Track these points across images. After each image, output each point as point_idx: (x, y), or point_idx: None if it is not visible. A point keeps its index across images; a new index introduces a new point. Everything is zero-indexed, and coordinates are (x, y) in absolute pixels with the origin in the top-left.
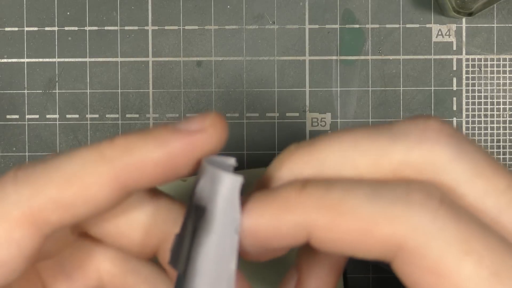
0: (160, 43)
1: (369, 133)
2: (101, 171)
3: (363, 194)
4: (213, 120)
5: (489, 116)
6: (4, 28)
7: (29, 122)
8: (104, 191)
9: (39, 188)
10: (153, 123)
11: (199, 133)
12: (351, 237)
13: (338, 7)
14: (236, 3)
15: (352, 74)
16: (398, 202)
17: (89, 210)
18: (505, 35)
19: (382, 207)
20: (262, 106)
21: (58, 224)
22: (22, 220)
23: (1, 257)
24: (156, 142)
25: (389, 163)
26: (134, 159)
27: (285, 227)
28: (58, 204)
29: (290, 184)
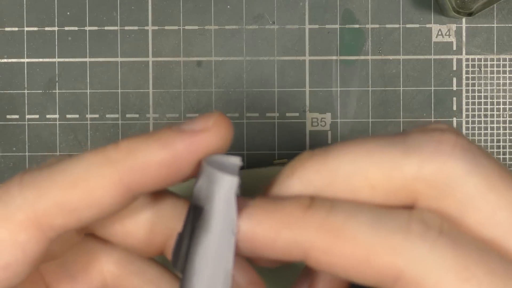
0: (160, 43)
1: (383, 144)
2: (105, 174)
3: (365, 221)
4: (217, 119)
5: (489, 116)
6: (4, 28)
7: (29, 122)
8: (109, 194)
9: (43, 192)
10: (153, 123)
11: (202, 132)
12: (349, 263)
13: (338, 7)
14: (236, 3)
15: (352, 74)
16: (398, 232)
17: (94, 213)
18: (505, 35)
19: (382, 236)
20: (262, 106)
21: (63, 228)
22: (27, 224)
23: (6, 260)
24: (160, 144)
25: (402, 177)
26: (138, 161)
27: (282, 242)
28: (62, 207)
29: (297, 199)
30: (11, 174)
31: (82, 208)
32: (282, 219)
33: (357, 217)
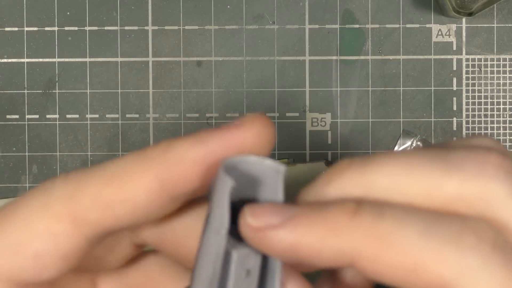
0: (160, 43)
1: (424, 159)
2: (140, 170)
3: (415, 229)
4: (254, 118)
5: (489, 116)
6: (4, 28)
7: (29, 122)
8: (143, 191)
9: (82, 185)
10: (153, 123)
11: (236, 128)
12: (396, 272)
13: (338, 7)
14: (236, 3)
15: (352, 74)
16: (449, 243)
17: (129, 211)
18: (505, 35)
19: (432, 246)
20: (262, 106)
21: (98, 225)
22: (62, 215)
23: (36, 249)
24: (194, 140)
25: (442, 195)
26: (172, 157)
27: (329, 250)
28: (97, 202)
29: (342, 204)
30: (11, 174)
31: (116, 204)
32: (328, 227)
33: (406, 224)
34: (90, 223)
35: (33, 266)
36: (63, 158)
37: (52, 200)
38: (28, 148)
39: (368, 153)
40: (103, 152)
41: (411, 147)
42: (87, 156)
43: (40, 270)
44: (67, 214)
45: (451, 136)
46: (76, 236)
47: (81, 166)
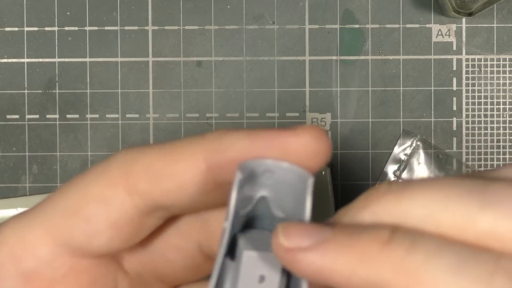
0: (160, 43)
1: (462, 191)
2: (191, 150)
3: (446, 264)
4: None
5: (489, 116)
6: (4, 28)
7: (29, 122)
8: (191, 168)
9: (138, 157)
10: (153, 123)
11: (289, 132)
12: None
13: (338, 7)
14: (236, 3)
15: (352, 74)
16: (480, 283)
17: (176, 187)
18: (505, 35)
19: (462, 286)
20: (262, 106)
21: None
22: (116, 182)
23: (88, 212)
24: (248, 133)
25: (475, 231)
26: (224, 143)
27: (358, 279)
28: (148, 172)
29: (376, 232)
30: (11, 174)
31: (164, 177)
32: (359, 256)
33: (438, 259)
34: (140, 192)
35: (84, 231)
36: (63, 158)
37: (110, 168)
38: (28, 148)
39: (368, 153)
40: (103, 152)
41: (411, 147)
42: (87, 156)
43: (91, 236)
44: (120, 181)
45: (451, 136)
46: (127, 203)
47: (81, 166)
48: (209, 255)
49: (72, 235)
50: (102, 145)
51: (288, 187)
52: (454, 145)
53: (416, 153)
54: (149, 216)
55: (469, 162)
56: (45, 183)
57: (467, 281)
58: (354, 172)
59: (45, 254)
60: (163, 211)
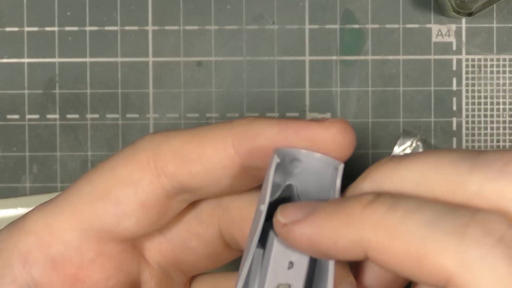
0: (160, 43)
1: (453, 158)
2: (220, 134)
3: (422, 220)
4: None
5: (489, 116)
6: (4, 28)
7: (29, 122)
8: (219, 152)
9: (166, 140)
10: (153, 123)
11: (317, 124)
12: (403, 262)
13: (338, 7)
14: (236, 3)
15: (352, 74)
16: (453, 234)
17: (203, 170)
18: (505, 35)
19: (436, 237)
20: (262, 106)
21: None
22: (144, 164)
23: (117, 195)
24: (277, 122)
25: (464, 193)
26: (253, 129)
27: (343, 241)
28: (176, 155)
29: (360, 197)
30: (11, 174)
31: (192, 161)
32: (342, 220)
33: (415, 216)
34: (168, 174)
35: (113, 212)
36: (63, 158)
37: (138, 151)
38: (28, 148)
39: (368, 153)
40: (104, 152)
41: (411, 147)
42: (87, 156)
43: (120, 218)
44: (148, 163)
45: (451, 136)
46: (155, 185)
47: (81, 166)
48: (229, 242)
49: (100, 218)
50: (102, 145)
51: (314, 177)
52: (454, 145)
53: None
54: (175, 199)
55: None
56: (45, 183)
57: (441, 233)
58: (354, 172)
59: (72, 239)
60: (189, 193)
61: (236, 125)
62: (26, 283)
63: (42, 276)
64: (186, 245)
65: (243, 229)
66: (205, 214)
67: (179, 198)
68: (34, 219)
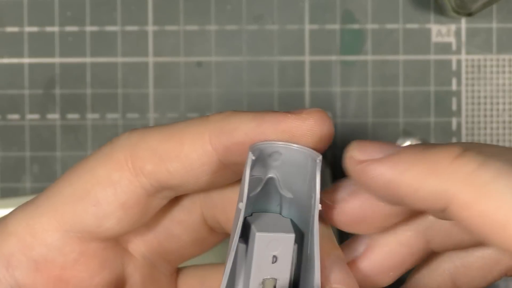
0: (160, 43)
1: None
2: (198, 131)
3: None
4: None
5: (488, 116)
6: (4, 28)
7: (29, 122)
8: (196, 150)
9: (143, 139)
10: (153, 123)
11: (292, 115)
12: (486, 224)
13: (338, 7)
14: (236, 3)
15: (352, 74)
16: None
17: (181, 168)
18: (504, 35)
19: None
20: (262, 106)
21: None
22: (122, 164)
23: (97, 196)
24: (254, 116)
25: None
26: (230, 125)
27: (426, 191)
28: (154, 154)
29: (449, 147)
30: (11, 174)
31: (170, 159)
32: (429, 167)
33: (508, 177)
34: (146, 174)
35: (94, 214)
36: (63, 158)
37: (115, 151)
38: (28, 148)
39: None
40: None
41: None
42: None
43: (101, 219)
44: (127, 163)
45: (451, 136)
46: (134, 185)
47: None
48: (213, 226)
49: (81, 219)
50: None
51: (295, 168)
52: None
53: None
54: (156, 196)
55: None
56: (45, 183)
57: None
58: None
59: (54, 240)
60: (169, 191)
61: (213, 120)
62: (10, 286)
63: (26, 278)
64: (170, 233)
65: (226, 213)
66: (187, 200)
67: (159, 195)
68: (16, 220)
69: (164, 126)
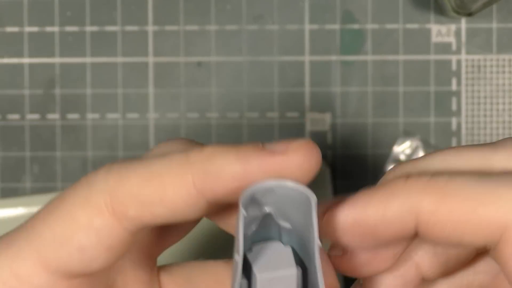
0: (160, 43)
1: (473, 146)
2: (180, 173)
3: (469, 176)
4: (299, 146)
5: (488, 116)
6: (4, 28)
7: (29, 122)
8: (181, 194)
9: (123, 181)
10: (153, 123)
11: (279, 154)
12: (457, 218)
13: (338, 7)
14: (236, 3)
15: (352, 74)
16: (504, 184)
17: (167, 211)
18: (504, 35)
19: (487, 187)
20: (262, 106)
21: (138, 221)
22: (103, 209)
23: (81, 242)
24: (237, 156)
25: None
26: (213, 168)
27: (392, 213)
28: (135, 200)
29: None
30: (11, 174)
31: (154, 204)
32: (387, 193)
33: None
34: (129, 218)
35: (79, 258)
36: (63, 158)
37: (94, 194)
38: (28, 148)
39: (368, 153)
40: (103, 152)
41: (411, 147)
42: (87, 156)
43: (87, 262)
44: (108, 208)
45: (451, 136)
46: (118, 229)
47: (81, 166)
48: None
49: (66, 263)
50: (102, 145)
51: (290, 201)
52: (454, 145)
53: (416, 153)
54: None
55: None
56: (45, 183)
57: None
58: (354, 172)
59: (42, 283)
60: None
61: (195, 161)
62: None
63: None
64: None
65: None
66: None
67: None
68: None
69: (142, 164)
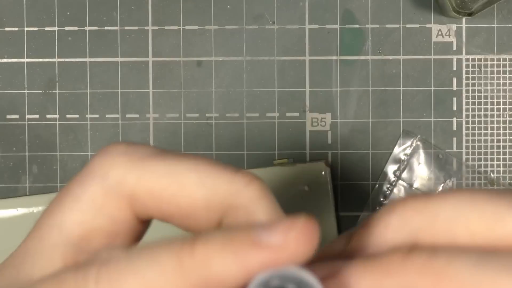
0: (160, 43)
1: (488, 195)
2: (177, 284)
3: (470, 260)
4: (299, 232)
5: (489, 116)
6: (4, 28)
7: (29, 122)
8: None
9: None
10: (153, 123)
11: (280, 250)
12: None
13: (338, 7)
14: (236, 3)
15: (352, 74)
16: (504, 270)
17: None
18: (505, 35)
19: (487, 275)
20: (262, 106)
21: None
22: None
23: None
24: (235, 257)
25: (504, 230)
26: (212, 275)
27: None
28: None
29: (394, 250)
30: (11, 174)
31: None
32: (383, 269)
33: (460, 257)
34: None
35: None
36: (63, 158)
37: None
38: (28, 148)
39: (368, 153)
40: None
41: (411, 147)
42: (87, 156)
43: None
44: None
45: (451, 136)
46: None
47: (81, 166)
48: None
49: None
50: (102, 145)
51: (293, 278)
52: (454, 145)
53: (416, 153)
54: None
55: (469, 162)
56: (45, 183)
57: (491, 269)
58: (354, 172)
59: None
60: None
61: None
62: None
63: None
64: None
65: None
66: None
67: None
68: None
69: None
